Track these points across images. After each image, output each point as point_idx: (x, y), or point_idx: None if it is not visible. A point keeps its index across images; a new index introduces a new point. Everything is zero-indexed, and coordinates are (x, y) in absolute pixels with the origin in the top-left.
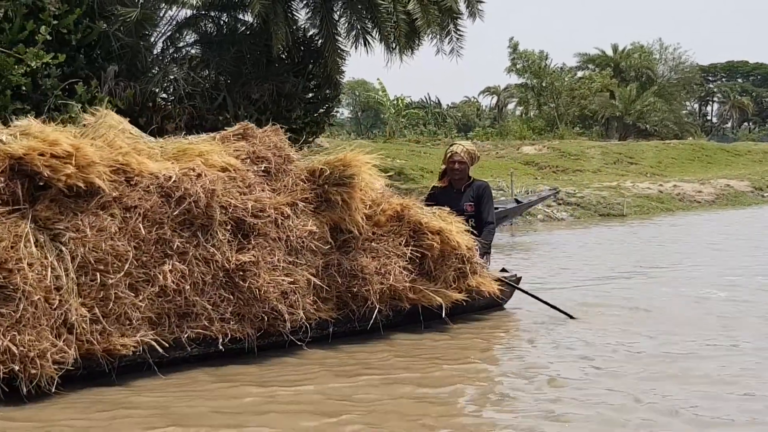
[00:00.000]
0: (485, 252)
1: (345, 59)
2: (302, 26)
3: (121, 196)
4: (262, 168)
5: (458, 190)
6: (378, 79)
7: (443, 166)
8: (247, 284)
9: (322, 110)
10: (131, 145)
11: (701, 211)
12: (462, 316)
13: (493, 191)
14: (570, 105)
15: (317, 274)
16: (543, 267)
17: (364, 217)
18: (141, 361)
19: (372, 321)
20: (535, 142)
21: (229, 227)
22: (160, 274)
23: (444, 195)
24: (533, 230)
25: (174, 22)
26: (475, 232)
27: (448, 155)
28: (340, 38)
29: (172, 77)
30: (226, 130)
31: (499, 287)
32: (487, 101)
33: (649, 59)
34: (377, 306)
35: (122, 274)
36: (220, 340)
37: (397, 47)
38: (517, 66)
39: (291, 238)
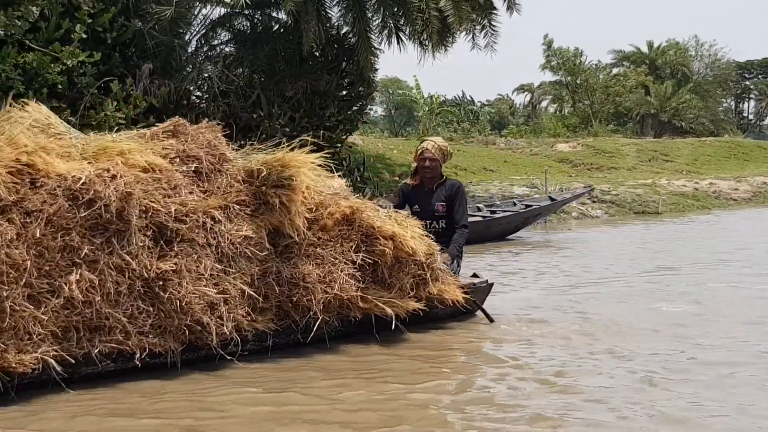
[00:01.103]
0: (456, 256)
1: (378, 57)
2: (336, 24)
3: (21, 200)
4: (193, 168)
5: (429, 189)
6: (414, 76)
7: (414, 164)
8: (167, 295)
9: (355, 108)
10: (41, 143)
11: (737, 209)
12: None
13: (527, 189)
14: (605, 102)
15: (253, 283)
16: (564, 266)
17: (306, 221)
18: (46, 378)
19: (314, 332)
20: (570, 139)
21: (149, 233)
22: (65, 284)
23: (415, 194)
24: (567, 228)
25: (208, 21)
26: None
27: (419, 152)
28: (372, 36)
29: (206, 75)
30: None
31: (466, 294)
32: (520, 99)
33: (685, 56)
34: (320, 316)
35: (20, 284)
36: (138, 354)
37: (430, 45)
38: (552, 63)
39: (222, 244)
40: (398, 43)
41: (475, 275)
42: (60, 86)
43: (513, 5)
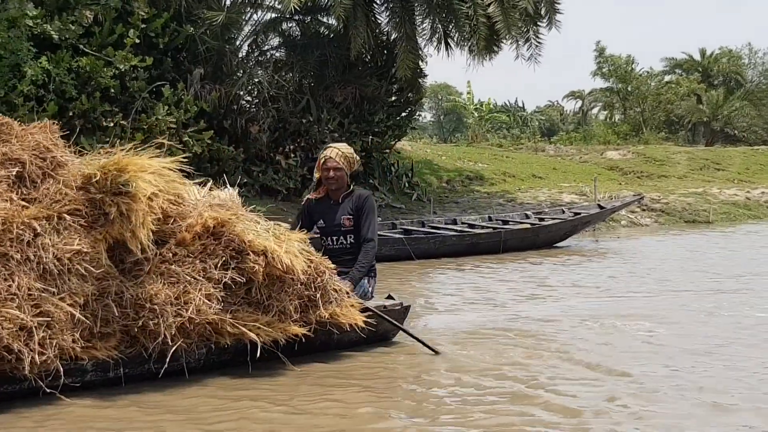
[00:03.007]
0: (363, 275)
1: (426, 62)
2: (385, 30)
3: None
4: (14, 173)
5: (335, 201)
6: (468, 82)
7: (317, 175)
8: None
9: (404, 114)
10: None
11: None
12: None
13: (576, 196)
14: (656, 109)
15: (87, 305)
16: (595, 275)
17: (158, 234)
18: None
19: (168, 362)
20: (620, 147)
21: None
22: None
23: (319, 208)
24: (616, 236)
25: (258, 26)
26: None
27: (321, 161)
28: (422, 41)
29: (256, 80)
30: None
31: (376, 316)
32: (571, 105)
33: (738, 64)
34: (170, 343)
35: None
36: None
37: (477, 51)
38: (603, 70)
39: (45, 259)
40: (446, 49)
41: (390, 297)
42: (112, 90)
43: (554, 22)
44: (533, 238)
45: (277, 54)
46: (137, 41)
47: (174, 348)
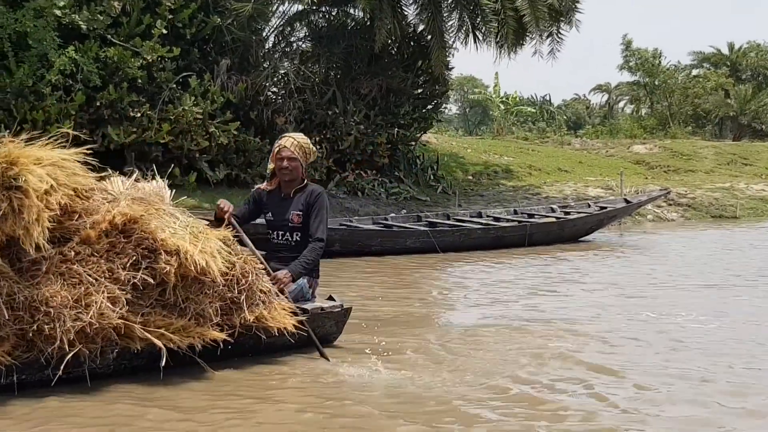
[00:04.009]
0: (303, 271)
1: (453, 55)
2: (411, 22)
3: None
4: None
5: (287, 195)
6: (495, 73)
7: (271, 166)
8: None
9: (430, 106)
10: None
11: None
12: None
13: (602, 190)
14: (683, 104)
15: None
16: (620, 270)
17: (57, 231)
18: None
19: (64, 368)
20: (646, 141)
21: None
22: None
23: (270, 200)
24: (641, 231)
25: (285, 17)
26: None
27: (275, 151)
28: (448, 35)
29: (282, 71)
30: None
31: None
32: (597, 99)
33: (767, 58)
34: (67, 348)
35: None
36: None
37: (505, 44)
38: (630, 64)
39: None
40: (475, 42)
41: (330, 298)
42: (140, 81)
43: (573, 21)
44: (559, 232)
45: (304, 45)
46: (164, 32)
47: (72, 354)
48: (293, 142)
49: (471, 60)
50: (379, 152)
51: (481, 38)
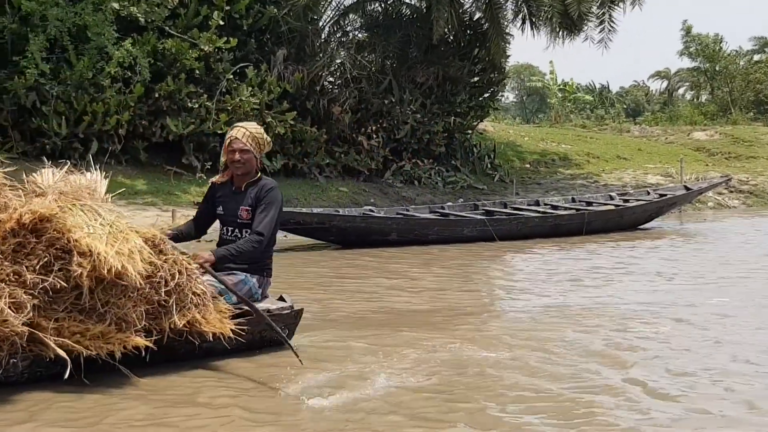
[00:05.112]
0: (229, 257)
1: (509, 43)
2: (468, 9)
3: None
4: None
5: (239, 189)
6: (550, 62)
7: (223, 158)
8: None
9: (486, 94)
10: None
11: None
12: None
13: (661, 178)
14: (744, 90)
15: None
16: (677, 259)
17: None
18: None
19: None
20: (707, 127)
21: None
22: None
23: (222, 194)
24: (702, 218)
25: (341, 7)
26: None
27: (227, 142)
28: (505, 22)
29: (338, 61)
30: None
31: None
32: (656, 85)
33: None
34: None
35: None
36: None
37: (562, 31)
38: (690, 49)
39: None
40: (532, 29)
41: (281, 299)
42: (197, 72)
43: (637, 1)
44: (617, 220)
45: (359, 35)
46: (221, 23)
47: None
48: (245, 132)
49: (527, 47)
50: (436, 141)
51: (536, 25)
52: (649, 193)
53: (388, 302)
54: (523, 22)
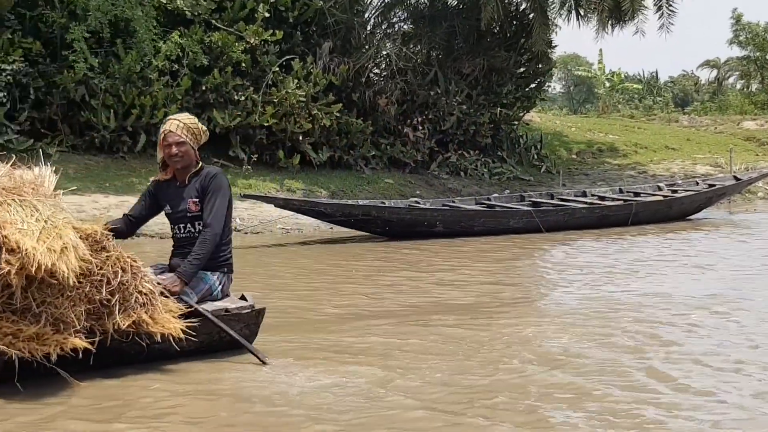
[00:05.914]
0: (197, 269)
1: (556, 33)
2: (514, 0)
3: None
4: None
5: (182, 183)
6: (600, 50)
7: (160, 155)
8: None
9: (533, 85)
10: None
11: None
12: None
13: (710, 168)
14: None
15: None
16: (727, 250)
17: None
18: None
19: None
20: (757, 117)
21: None
22: None
23: (167, 192)
24: (752, 208)
25: None
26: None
27: (161, 137)
28: (551, 12)
29: (384, 53)
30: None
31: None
32: (705, 74)
33: None
34: None
35: None
36: None
37: (611, 21)
38: (740, 38)
39: None
40: (578, 18)
41: (243, 297)
42: (244, 64)
43: None
44: (666, 211)
45: (405, 26)
46: (267, 15)
47: None
48: (178, 124)
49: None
50: (482, 132)
51: (583, 14)
52: (698, 184)
53: (436, 296)
54: (569, 12)
